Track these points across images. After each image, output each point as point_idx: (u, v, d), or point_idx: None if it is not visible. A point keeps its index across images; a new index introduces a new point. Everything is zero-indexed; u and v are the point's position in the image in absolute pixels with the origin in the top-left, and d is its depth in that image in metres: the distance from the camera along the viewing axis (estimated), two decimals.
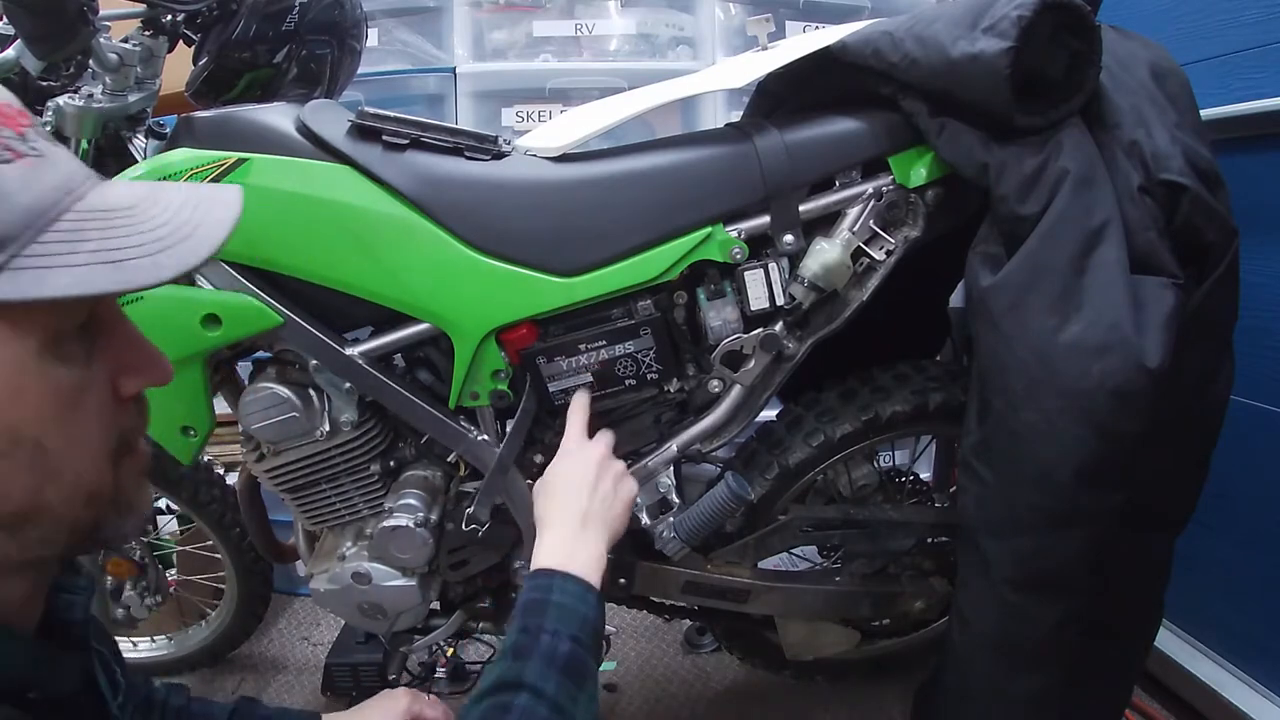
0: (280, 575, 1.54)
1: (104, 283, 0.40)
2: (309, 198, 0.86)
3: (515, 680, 0.62)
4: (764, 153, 0.90)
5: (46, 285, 0.39)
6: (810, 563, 1.37)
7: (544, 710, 0.61)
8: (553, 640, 0.66)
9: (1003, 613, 0.88)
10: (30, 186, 0.41)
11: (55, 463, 0.43)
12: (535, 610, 0.68)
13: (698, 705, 1.41)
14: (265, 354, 0.99)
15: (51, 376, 0.42)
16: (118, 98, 0.94)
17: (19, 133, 0.42)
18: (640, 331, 0.92)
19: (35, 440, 0.42)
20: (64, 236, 0.41)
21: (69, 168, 0.44)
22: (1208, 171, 0.82)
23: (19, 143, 0.41)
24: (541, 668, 0.64)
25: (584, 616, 0.69)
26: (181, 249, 0.43)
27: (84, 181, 0.44)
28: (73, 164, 0.45)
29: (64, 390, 0.43)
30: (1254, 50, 1.12)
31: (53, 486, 0.43)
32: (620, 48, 1.72)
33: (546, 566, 0.73)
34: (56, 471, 0.43)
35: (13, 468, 0.42)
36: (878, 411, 1.04)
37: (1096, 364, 0.77)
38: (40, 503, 0.43)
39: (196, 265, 0.43)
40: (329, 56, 1.07)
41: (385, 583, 1.04)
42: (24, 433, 0.42)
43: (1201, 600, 1.30)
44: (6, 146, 0.40)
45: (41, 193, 0.41)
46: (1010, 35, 0.78)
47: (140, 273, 0.41)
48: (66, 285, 0.39)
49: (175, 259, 0.43)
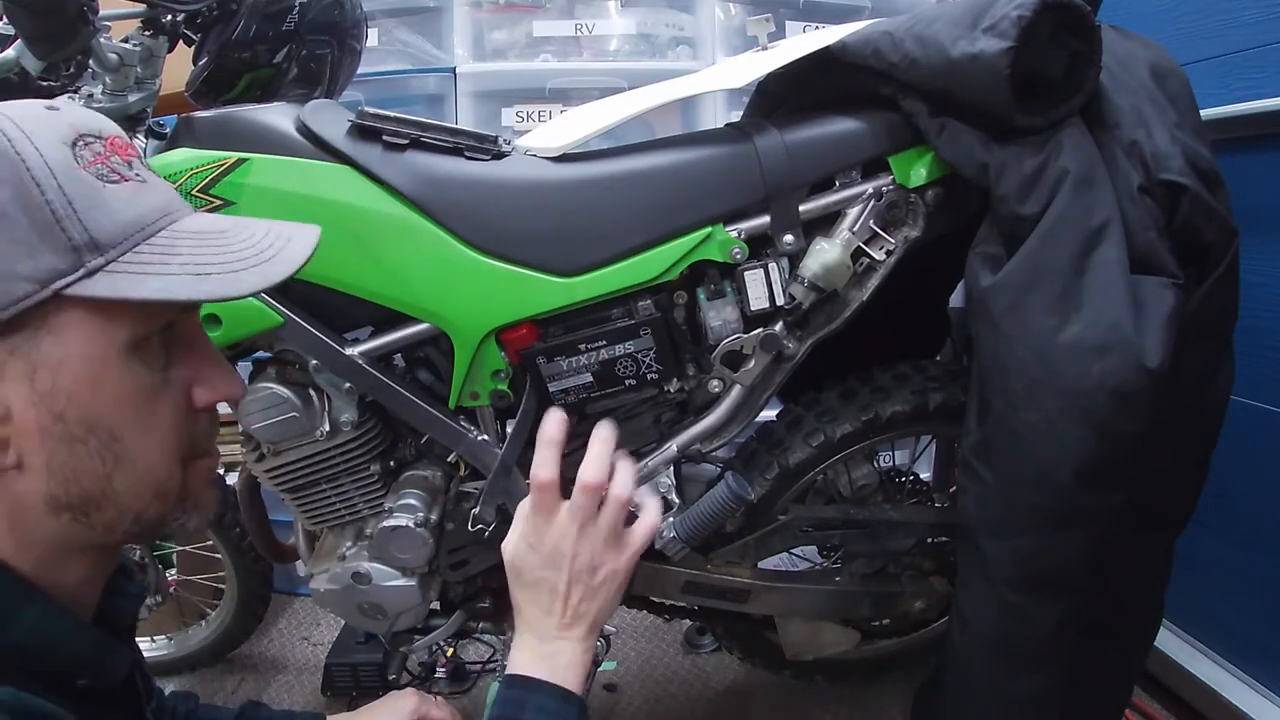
0: (280, 575, 1.55)
1: (187, 290, 0.46)
2: (309, 198, 0.86)
3: None
4: (764, 153, 0.90)
5: (138, 288, 0.45)
6: (810, 563, 1.36)
7: None
8: None
9: (1003, 613, 0.88)
10: (133, 205, 0.47)
11: (126, 454, 0.48)
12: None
13: (698, 705, 1.41)
14: (265, 354, 0.99)
15: (131, 374, 0.47)
16: (118, 98, 0.94)
17: (127, 161, 0.49)
18: (640, 331, 0.92)
19: (110, 430, 0.47)
20: (159, 250, 0.47)
21: (168, 195, 0.51)
22: (1208, 171, 0.82)
23: (126, 169, 0.48)
24: None
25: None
26: (261, 269, 0.49)
27: (181, 208, 0.51)
28: (172, 194, 0.52)
29: (142, 389, 0.48)
30: (1254, 50, 1.12)
31: (121, 476, 0.48)
32: (620, 48, 1.72)
33: (521, 674, 0.64)
34: (128, 463, 0.48)
35: (86, 453, 0.47)
36: (878, 411, 1.04)
37: (1096, 364, 0.77)
38: (109, 490, 0.48)
39: (274, 283, 0.49)
40: (329, 56, 1.07)
41: (385, 583, 1.04)
42: (100, 423, 0.47)
43: (1201, 600, 1.30)
44: (115, 170, 0.47)
45: (142, 212, 0.47)
46: (1010, 35, 0.78)
47: (221, 285, 0.47)
48: (155, 289, 0.45)
49: (255, 276, 0.49)
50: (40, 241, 0.43)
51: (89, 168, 0.46)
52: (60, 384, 0.45)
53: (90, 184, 0.45)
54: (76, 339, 0.45)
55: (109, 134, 0.49)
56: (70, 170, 0.45)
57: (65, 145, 0.45)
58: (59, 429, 0.46)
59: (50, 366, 0.45)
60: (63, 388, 0.45)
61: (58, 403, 0.45)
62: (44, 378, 0.45)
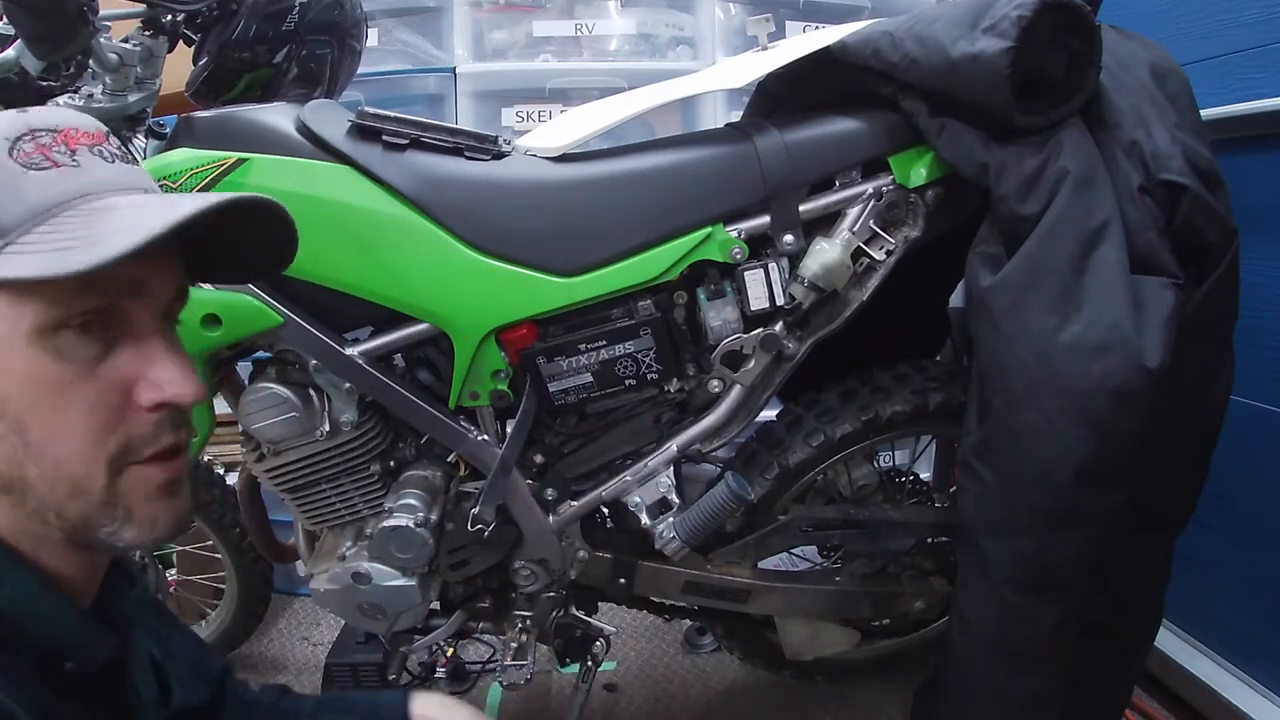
0: (280, 575, 1.55)
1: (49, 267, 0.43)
2: (309, 198, 0.86)
3: None
4: (764, 153, 0.90)
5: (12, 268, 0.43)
6: (810, 563, 1.36)
7: None
8: None
9: (1003, 613, 0.88)
10: (46, 189, 0.45)
11: (35, 443, 0.46)
12: None
13: (698, 705, 1.41)
14: (265, 354, 0.99)
15: (38, 362, 0.45)
16: (118, 98, 0.94)
17: (71, 149, 0.47)
18: (640, 331, 0.92)
19: (16, 417, 0.45)
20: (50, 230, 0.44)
21: (101, 177, 0.48)
22: (1208, 171, 0.82)
23: (64, 156, 0.47)
24: None
25: None
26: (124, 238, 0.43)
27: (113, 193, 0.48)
28: (108, 175, 0.49)
29: (51, 378, 0.45)
30: (1254, 50, 1.12)
31: (33, 466, 0.46)
32: (620, 48, 1.72)
33: None
34: (37, 452, 0.46)
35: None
36: (878, 411, 1.04)
37: (1096, 364, 0.77)
38: (23, 476, 0.46)
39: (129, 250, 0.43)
40: (329, 56, 1.07)
41: (385, 583, 1.04)
42: (6, 408, 0.45)
43: (1201, 600, 1.30)
44: (49, 158, 0.46)
45: (55, 194, 0.45)
46: (1010, 35, 0.78)
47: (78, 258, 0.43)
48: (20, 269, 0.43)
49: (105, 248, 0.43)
50: None
51: (22, 158, 0.45)
52: None
53: (10, 171, 0.45)
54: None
55: (67, 127, 0.48)
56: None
57: (4, 139, 0.45)
58: None
59: None
60: None
61: None
62: None
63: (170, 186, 0.85)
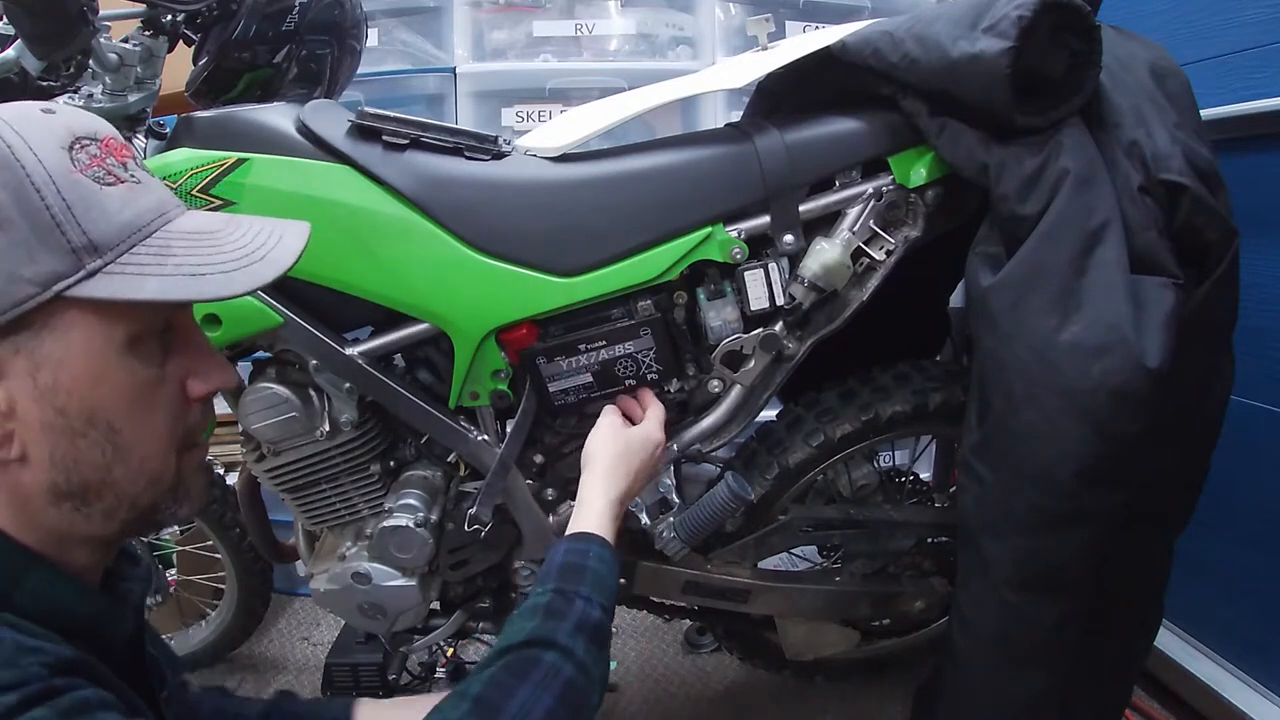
0: (280, 575, 1.54)
1: (184, 291, 0.48)
2: (309, 198, 0.86)
3: (549, 638, 0.64)
4: (764, 153, 0.90)
5: (137, 290, 0.46)
6: (810, 563, 1.36)
7: (570, 669, 0.63)
8: (586, 606, 0.68)
9: (1003, 613, 0.88)
10: (128, 206, 0.49)
11: (125, 445, 0.50)
12: (572, 574, 0.71)
13: (698, 705, 1.41)
14: (265, 354, 0.99)
15: (130, 370, 0.49)
16: (118, 98, 0.94)
17: (122, 162, 0.50)
18: (640, 331, 0.92)
19: (109, 423, 0.49)
20: (154, 251, 0.49)
21: (162, 195, 0.52)
22: (1208, 171, 0.82)
23: (121, 170, 0.50)
24: (573, 630, 0.66)
25: (612, 587, 0.73)
26: (253, 269, 0.51)
27: (175, 208, 0.53)
28: (166, 193, 0.53)
29: (140, 383, 0.50)
30: (1254, 50, 1.11)
31: (120, 466, 0.50)
32: (620, 48, 1.71)
33: (584, 532, 0.77)
34: (126, 453, 0.50)
35: (87, 445, 0.49)
36: (878, 411, 1.04)
37: (1096, 364, 0.77)
38: (108, 479, 0.50)
39: (265, 283, 0.51)
40: (329, 56, 1.07)
41: (385, 583, 1.04)
42: (100, 415, 0.49)
43: (1201, 600, 1.30)
44: (110, 172, 0.49)
45: (138, 212, 0.49)
46: (1010, 35, 0.78)
47: (215, 285, 0.49)
48: (153, 290, 0.47)
49: (247, 276, 0.51)
50: (40, 245, 0.45)
51: (86, 171, 0.47)
52: (62, 380, 0.47)
53: (87, 187, 0.47)
54: (77, 337, 0.47)
55: (104, 135, 0.50)
56: (67, 174, 0.46)
57: (63, 149, 0.47)
58: (61, 423, 0.48)
59: (52, 364, 0.47)
60: (64, 384, 0.47)
61: (59, 398, 0.47)
62: (46, 375, 0.47)
63: (170, 186, 0.85)
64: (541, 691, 0.60)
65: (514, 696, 0.59)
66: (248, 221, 0.55)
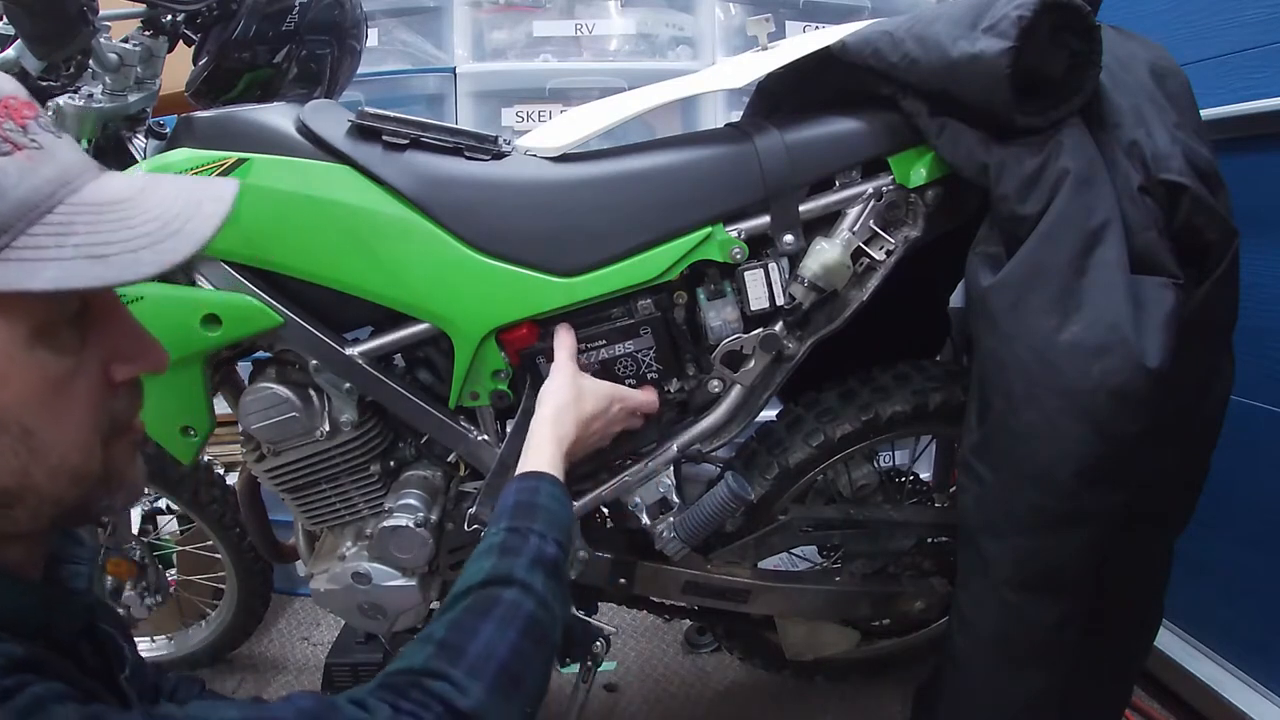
0: (280, 575, 1.54)
1: (87, 278, 0.41)
2: (309, 198, 0.86)
3: (505, 576, 0.63)
4: (764, 153, 0.90)
5: (32, 278, 0.40)
6: (810, 563, 1.36)
7: (530, 604, 0.62)
8: (540, 542, 0.68)
9: (1003, 613, 0.88)
10: (25, 179, 0.42)
11: (41, 445, 0.45)
12: (524, 512, 0.70)
13: (698, 705, 1.41)
14: (265, 354, 0.99)
15: (40, 364, 0.43)
16: (118, 98, 0.94)
17: (21, 125, 0.43)
18: (640, 331, 0.92)
19: (21, 425, 0.43)
20: (54, 229, 0.42)
21: (68, 159, 0.45)
22: (1208, 171, 0.82)
23: (20, 135, 0.42)
24: (529, 565, 0.65)
25: (565, 523, 0.72)
26: (164, 246, 0.44)
27: (81, 174, 0.45)
28: (72, 155, 0.46)
29: (52, 377, 0.44)
30: (1254, 50, 1.11)
31: (39, 468, 0.45)
32: (620, 48, 1.71)
33: (535, 470, 0.76)
34: (43, 454, 0.45)
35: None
36: (878, 411, 1.04)
37: (1096, 364, 0.77)
38: (27, 483, 0.45)
39: (177, 262, 0.44)
40: (329, 56, 1.07)
41: (385, 583, 1.04)
42: (9, 418, 0.43)
43: (1201, 600, 1.30)
44: (6, 139, 0.42)
45: (36, 186, 0.42)
46: (1010, 35, 0.78)
47: (120, 268, 0.42)
48: (51, 279, 0.40)
49: (157, 255, 0.43)
50: None
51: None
52: None
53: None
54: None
55: (4, 94, 0.44)
56: None
57: None
58: None
59: None
60: None
61: None
62: None
63: None
64: (505, 628, 0.59)
65: (478, 636, 0.58)
66: (167, 183, 0.49)
